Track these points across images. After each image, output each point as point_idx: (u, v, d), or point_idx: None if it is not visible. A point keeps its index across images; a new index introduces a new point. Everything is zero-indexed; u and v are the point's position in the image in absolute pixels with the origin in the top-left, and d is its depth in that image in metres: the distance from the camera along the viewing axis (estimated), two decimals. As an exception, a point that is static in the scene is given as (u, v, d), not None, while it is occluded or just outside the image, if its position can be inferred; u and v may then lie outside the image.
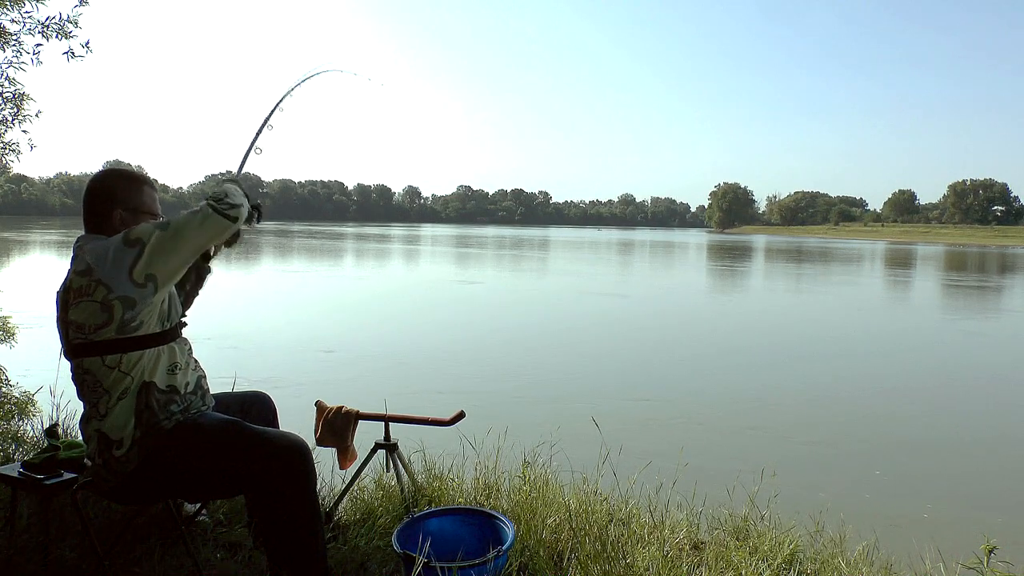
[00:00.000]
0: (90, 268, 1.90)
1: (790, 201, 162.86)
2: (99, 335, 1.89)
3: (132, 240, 1.90)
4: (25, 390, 4.08)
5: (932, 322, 15.39)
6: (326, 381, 7.55)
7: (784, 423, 6.76)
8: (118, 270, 1.87)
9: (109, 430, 1.92)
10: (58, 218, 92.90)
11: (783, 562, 2.64)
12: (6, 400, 3.91)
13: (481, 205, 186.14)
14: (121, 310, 1.87)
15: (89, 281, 1.89)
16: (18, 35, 3.88)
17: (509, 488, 3.11)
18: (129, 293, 1.87)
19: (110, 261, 1.89)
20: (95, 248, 1.94)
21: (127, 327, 1.89)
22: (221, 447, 1.96)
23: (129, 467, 1.93)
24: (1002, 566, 2.23)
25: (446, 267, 28.42)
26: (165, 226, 1.92)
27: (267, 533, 1.98)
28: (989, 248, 70.03)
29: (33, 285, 16.09)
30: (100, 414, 1.93)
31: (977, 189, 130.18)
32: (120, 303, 1.87)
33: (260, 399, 2.45)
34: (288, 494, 1.95)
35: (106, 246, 1.92)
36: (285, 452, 1.97)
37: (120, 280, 1.87)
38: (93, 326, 1.89)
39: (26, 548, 2.25)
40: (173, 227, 1.92)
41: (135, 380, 1.92)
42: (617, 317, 14.55)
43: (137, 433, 1.92)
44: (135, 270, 1.88)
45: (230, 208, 1.98)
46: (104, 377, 1.92)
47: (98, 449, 1.94)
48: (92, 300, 1.88)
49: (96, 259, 1.90)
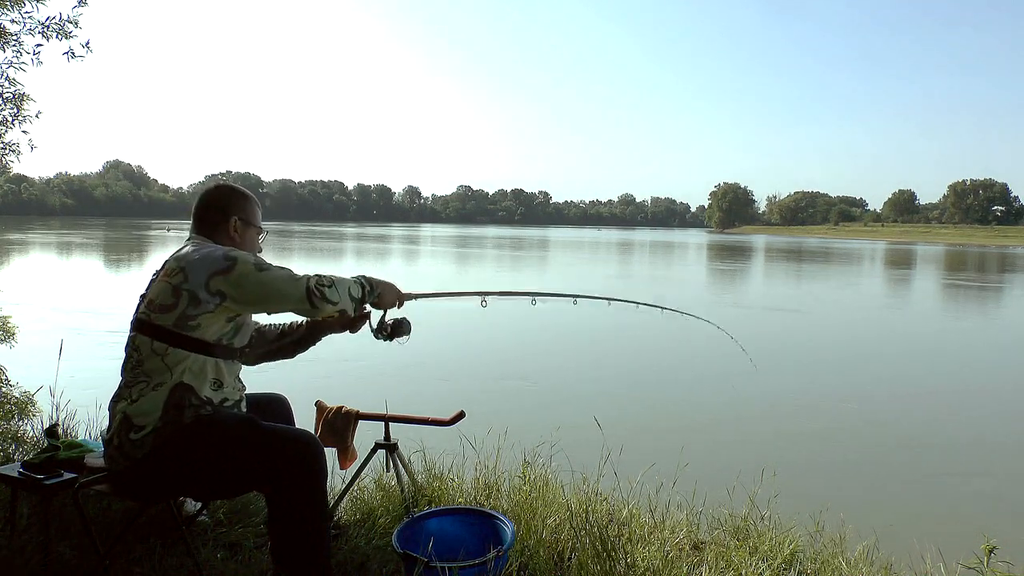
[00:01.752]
0: (186, 256, 2.02)
1: (790, 201, 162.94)
2: (160, 318, 1.97)
3: (231, 256, 2.01)
4: (25, 390, 4.08)
5: (932, 322, 15.39)
6: (326, 381, 7.54)
7: (784, 423, 6.76)
8: (203, 269, 1.98)
9: (134, 414, 1.96)
10: (58, 218, 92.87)
11: (783, 562, 2.64)
12: (6, 400, 3.92)
13: (481, 205, 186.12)
14: (186, 302, 1.96)
15: (178, 266, 2.00)
16: (18, 35, 3.89)
17: (509, 488, 3.11)
18: (198, 292, 1.96)
19: (204, 259, 2.00)
20: (201, 247, 2.07)
21: (185, 322, 1.97)
22: (235, 442, 1.98)
23: (141, 452, 1.94)
24: (1002, 566, 2.23)
25: (446, 267, 28.41)
26: (262, 265, 2.02)
27: (274, 528, 1.98)
28: (989, 248, 70.07)
29: (33, 285, 16.09)
30: (132, 397, 1.97)
31: (977, 189, 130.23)
32: (188, 295, 1.96)
33: (277, 400, 2.47)
34: (299, 490, 1.96)
35: (210, 249, 2.05)
36: (298, 447, 1.98)
37: (199, 277, 1.97)
38: (159, 305, 1.98)
39: (26, 548, 2.25)
40: (267, 272, 2.02)
41: (174, 376, 1.97)
42: (618, 316, 14.54)
43: (160, 423, 1.95)
44: (214, 279, 1.98)
45: (321, 296, 2.05)
46: (147, 359, 1.98)
47: (118, 429, 1.97)
48: (170, 282, 1.99)
49: (195, 252, 2.02)
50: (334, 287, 2.09)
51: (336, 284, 2.11)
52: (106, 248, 32.37)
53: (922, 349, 11.65)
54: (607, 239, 70.23)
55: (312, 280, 2.05)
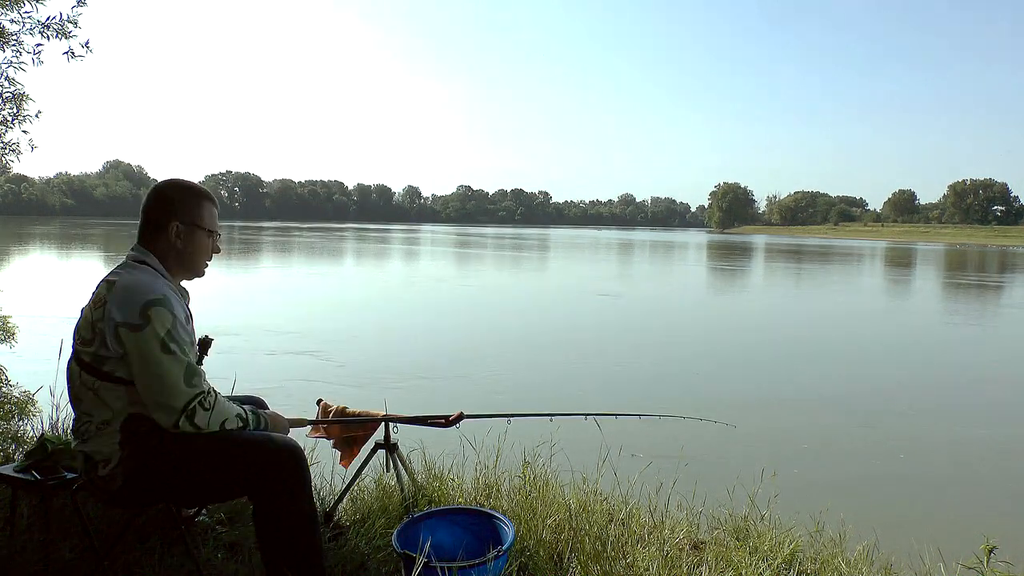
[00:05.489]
0: (113, 286, 1.85)
1: (790, 201, 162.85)
2: (83, 351, 1.86)
3: (147, 314, 1.80)
4: (25, 390, 4.07)
5: (933, 322, 15.39)
6: (327, 381, 7.55)
7: (784, 423, 6.76)
8: (116, 314, 1.81)
9: (93, 453, 1.89)
10: (58, 218, 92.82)
11: (783, 562, 2.64)
12: (6, 400, 3.91)
13: (481, 205, 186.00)
14: (99, 344, 1.83)
15: (103, 296, 1.85)
16: (18, 35, 3.88)
17: (509, 488, 3.11)
18: (107, 338, 1.82)
19: (122, 302, 1.82)
20: (130, 278, 1.88)
21: (99, 361, 1.84)
22: (214, 452, 1.93)
23: (114, 485, 1.89)
24: (1002, 566, 2.23)
25: (446, 267, 28.41)
26: (169, 347, 1.81)
27: (262, 537, 1.96)
28: (989, 247, 70.04)
29: (33, 285, 16.09)
30: (84, 437, 1.89)
31: (977, 189, 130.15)
32: (99, 338, 1.83)
33: (256, 404, 2.41)
34: (282, 497, 1.93)
35: (136, 288, 1.85)
36: (277, 455, 1.94)
37: (111, 321, 1.82)
38: (81, 338, 1.87)
39: (26, 548, 2.25)
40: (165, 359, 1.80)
41: (116, 413, 1.86)
42: (617, 317, 14.56)
43: (123, 453, 1.88)
44: (121, 330, 1.80)
45: (194, 417, 1.84)
46: (83, 395, 1.87)
47: (84, 467, 1.92)
48: (91, 315, 1.86)
49: (121, 287, 1.85)
50: (212, 411, 1.88)
51: (214, 412, 1.89)
52: (106, 248, 32.37)
53: (923, 349, 11.65)
54: (607, 239, 70.21)
55: (197, 398, 1.84)
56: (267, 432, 2.05)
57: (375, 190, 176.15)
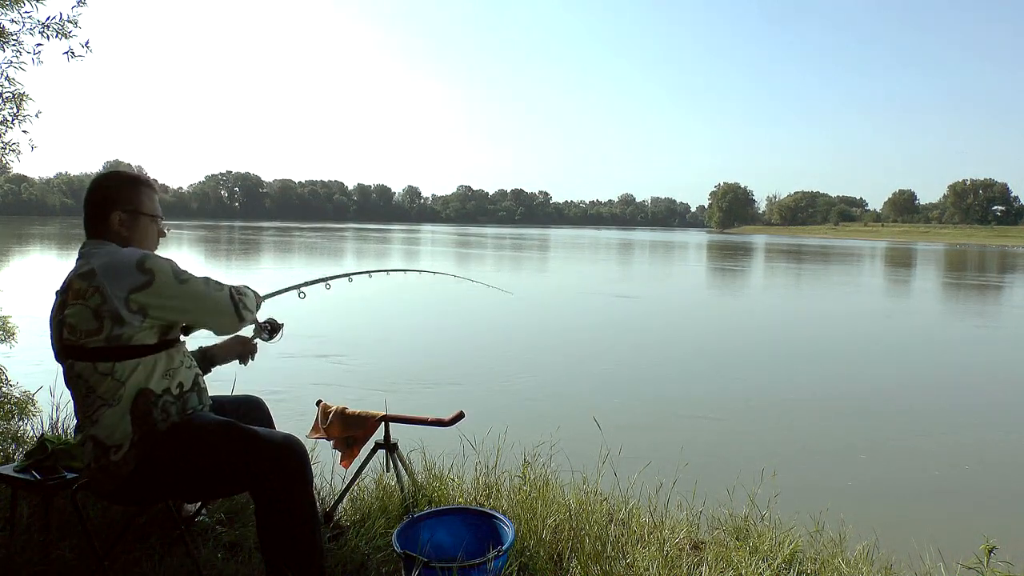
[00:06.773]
0: (94, 272, 1.88)
1: (790, 201, 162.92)
2: (92, 341, 1.87)
3: (146, 268, 1.89)
4: (25, 390, 4.07)
5: (933, 322, 15.39)
6: (327, 381, 7.55)
7: (784, 423, 6.76)
8: (119, 287, 1.86)
9: (104, 436, 1.91)
10: (58, 218, 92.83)
11: (783, 562, 2.64)
12: (6, 400, 3.91)
13: (481, 205, 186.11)
14: (110, 325, 1.86)
15: (89, 285, 1.86)
16: (18, 35, 3.88)
17: (509, 488, 3.11)
18: (120, 312, 1.85)
19: (116, 275, 1.87)
20: (106, 257, 1.92)
21: (116, 340, 1.87)
22: (217, 446, 1.95)
23: (126, 470, 1.91)
24: (1002, 566, 2.23)
25: (446, 267, 28.41)
26: (182, 276, 1.94)
27: (263, 532, 1.97)
28: (989, 248, 70.06)
29: (33, 285, 16.08)
30: (93, 420, 1.91)
31: (977, 189, 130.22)
32: (110, 318, 1.85)
33: (255, 403, 2.43)
34: (284, 493, 1.94)
35: (119, 259, 1.91)
36: (280, 451, 1.95)
37: (117, 297, 1.85)
38: (84, 331, 1.87)
39: (26, 548, 2.25)
40: (190, 283, 1.94)
41: (129, 389, 1.90)
42: (618, 317, 14.55)
43: (135, 436, 1.91)
44: (133, 296, 1.86)
45: (243, 307, 2.05)
46: (97, 384, 1.90)
47: (94, 455, 1.93)
48: (87, 305, 1.86)
49: (103, 267, 1.88)
50: (245, 295, 2.07)
51: (245, 293, 2.08)
52: (106, 248, 32.33)
53: (924, 349, 11.65)
54: (607, 239, 70.21)
55: (233, 289, 2.01)
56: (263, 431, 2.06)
57: (375, 190, 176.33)
